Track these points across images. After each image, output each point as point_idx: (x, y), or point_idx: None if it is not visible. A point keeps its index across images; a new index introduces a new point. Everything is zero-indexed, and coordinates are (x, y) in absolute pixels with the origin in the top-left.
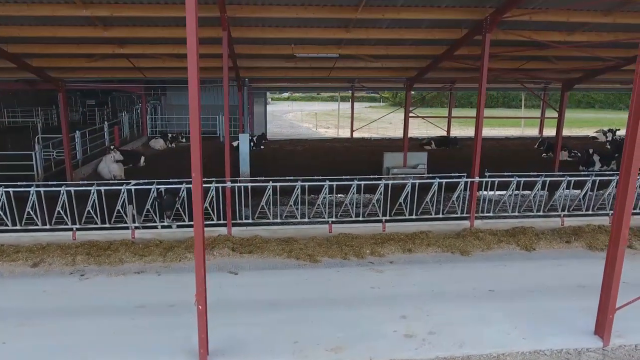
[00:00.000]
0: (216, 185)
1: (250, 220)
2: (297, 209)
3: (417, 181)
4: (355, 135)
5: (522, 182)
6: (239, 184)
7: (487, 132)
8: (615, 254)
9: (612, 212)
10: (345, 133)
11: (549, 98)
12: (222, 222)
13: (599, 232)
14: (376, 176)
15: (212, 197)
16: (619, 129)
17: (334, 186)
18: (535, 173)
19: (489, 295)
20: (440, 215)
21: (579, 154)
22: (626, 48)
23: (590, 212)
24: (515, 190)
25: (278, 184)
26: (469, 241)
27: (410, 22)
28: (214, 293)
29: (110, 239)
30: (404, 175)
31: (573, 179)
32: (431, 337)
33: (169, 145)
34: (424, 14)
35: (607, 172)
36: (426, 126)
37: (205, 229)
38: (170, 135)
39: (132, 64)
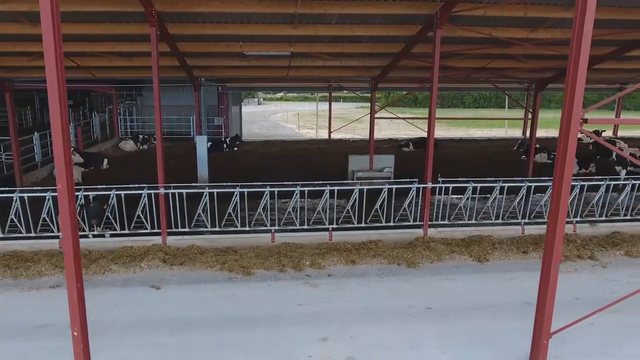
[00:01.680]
0: (148, 192)
1: (187, 229)
2: (236, 217)
3: (365, 187)
4: (336, 136)
5: (478, 187)
6: (172, 191)
7: (472, 133)
8: (548, 275)
9: (575, 219)
10: (326, 134)
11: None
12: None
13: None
14: (322, 182)
15: (145, 204)
16: (604, 130)
17: (275, 192)
18: (493, 178)
19: (426, 313)
20: (392, 223)
21: None
22: (596, 46)
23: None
24: (473, 195)
25: (215, 191)
26: (419, 252)
27: (361, 18)
28: (124, 311)
29: (37, 249)
30: (368, 179)
31: (533, 184)
32: None
33: (141, 147)
34: (371, 9)
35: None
36: (414, 127)
37: (139, 238)
38: (141, 136)
39: (76, 63)
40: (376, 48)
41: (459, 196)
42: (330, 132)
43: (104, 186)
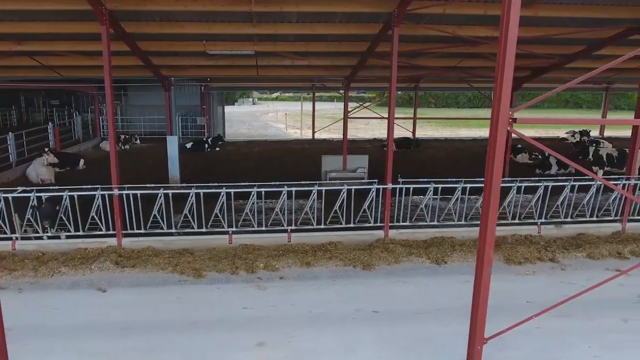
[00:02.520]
0: (102, 193)
1: (142, 231)
2: (192, 218)
3: (324, 188)
4: (322, 136)
5: (439, 188)
6: (126, 192)
7: (461, 133)
8: (480, 280)
9: (540, 220)
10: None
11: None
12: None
13: (521, 244)
14: (279, 183)
15: (99, 205)
16: (590, 130)
17: (232, 193)
18: (455, 179)
19: (371, 317)
20: (352, 225)
21: (540, 157)
22: (567, 45)
23: (517, 220)
24: (439, 196)
25: (170, 192)
26: (376, 254)
27: (321, 16)
28: (65, 314)
29: None
30: (339, 180)
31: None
32: None
33: (122, 147)
34: (329, 7)
35: (534, 179)
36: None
37: (95, 240)
38: (123, 136)
39: (40, 62)
40: (342, 47)
41: (422, 197)
42: (313, 132)
43: (57, 187)
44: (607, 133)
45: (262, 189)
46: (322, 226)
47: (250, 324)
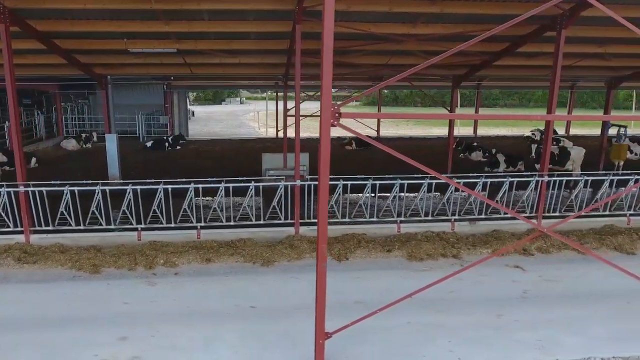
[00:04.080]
0: (7, 190)
1: (51, 228)
2: (100, 215)
3: (230, 185)
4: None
5: (349, 185)
6: (32, 189)
7: (432, 132)
8: (320, 275)
9: (454, 217)
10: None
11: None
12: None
13: (429, 240)
14: (185, 179)
15: (5, 201)
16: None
17: (138, 190)
18: (365, 176)
19: (246, 313)
20: (262, 222)
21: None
22: (490, 42)
23: (430, 217)
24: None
25: (76, 188)
26: (279, 250)
27: (233, 14)
28: None
29: None
30: (277, 177)
31: (406, 182)
32: None
33: (84, 146)
34: (235, 5)
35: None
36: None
37: (3, 237)
38: (84, 135)
39: None
40: (265, 45)
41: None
42: (277, 131)
43: None
44: (574, 132)
45: (169, 186)
46: (232, 223)
47: (122, 319)
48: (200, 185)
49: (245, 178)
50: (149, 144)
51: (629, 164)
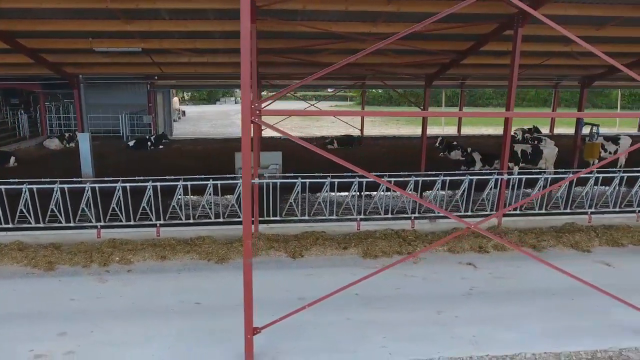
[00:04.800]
0: None
1: (11, 225)
2: (59, 213)
3: (188, 183)
4: (276, 134)
5: (307, 183)
6: None
7: (418, 131)
8: (245, 271)
9: (414, 215)
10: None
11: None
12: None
13: (385, 238)
14: (145, 177)
15: None
16: (535, 127)
17: (97, 188)
18: (323, 174)
19: (190, 309)
20: (221, 219)
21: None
22: (455, 41)
23: (390, 215)
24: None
25: (34, 187)
26: (235, 248)
27: (192, 13)
28: None
29: None
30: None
31: (364, 179)
32: (66, 357)
33: (67, 145)
34: (192, 4)
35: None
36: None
37: None
38: (67, 134)
39: None
40: (230, 44)
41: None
42: (261, 130)
43: None
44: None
45: (127, 184)
46: (192, 220)
47: (65, 315)
48: (158, 184)
49: (204, 176)
50: (131, 143)
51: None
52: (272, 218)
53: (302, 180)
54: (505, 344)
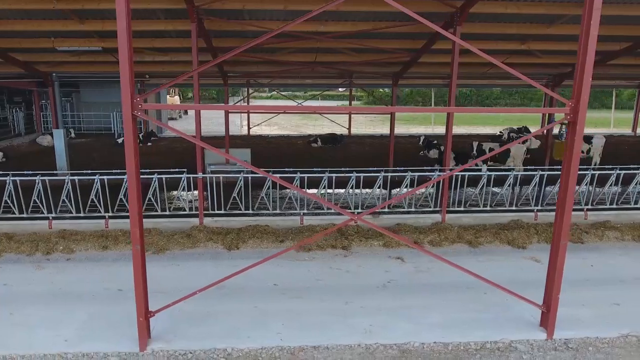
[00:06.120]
0: None
1: None
2: (13, 204)
3: (155, 177)
4: (268, 132)
5: (249, 178)
6: None
7: (413, 129)
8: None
9: (357, 210)
10: (264, 130)
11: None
12: None
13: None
14: (93, 171)
15: None
16: (525, 127)
17: (47, 181)
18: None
19: (112, 295)
20: (167, 213)
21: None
22: (407, 39)
23: (333, 211)
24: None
25: None
26: (176, 239)
27: (142, 13)
28: None
29: None
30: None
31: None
32: None
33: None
34: (136, 4)
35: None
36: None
37: None
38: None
39: None
40: (186, 43)
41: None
42: (249, 129)
43: None
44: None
45: (75, 177)
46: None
47: None
48: (105, 177)
49: (149, 171)
50: (120, 140)
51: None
52: (217, 212)
53: (245, 176)
54: (397, 333)
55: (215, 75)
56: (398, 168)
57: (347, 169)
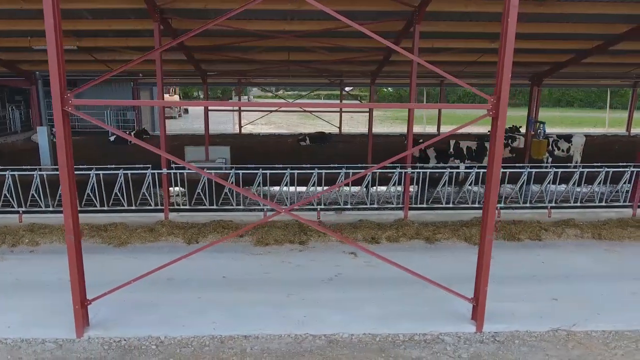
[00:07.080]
0: None
1: None
2: None
3: (101, 172)
4: (259, 131)
5: (212, 173)
6: None
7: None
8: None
9: (320, 207)
10: (259, 129)
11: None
12: None
13: (284, 228)
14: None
15: None
16: (521, 126)
17: (16, 176)
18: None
19: (64, 285)
20: (134, 207)
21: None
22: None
23: (296, 207)
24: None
25: None
26: (138, 234)
27: (113, 13)
28: None
29: None
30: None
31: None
32: None
33: (54, 139)
34: (106, 4)
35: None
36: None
37: None
38: (53, 129)
39: None
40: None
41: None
42: (240, 127)
43: None
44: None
45: (44, 172)
46: (106, 208)
47: None
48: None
49: (114, 166)
50: (112, 138)
51: (555, 161)
52: (182, 207)
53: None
54: (328, 325)
55: (196, 74)
56: (361, 165)
57: (309, 165)
